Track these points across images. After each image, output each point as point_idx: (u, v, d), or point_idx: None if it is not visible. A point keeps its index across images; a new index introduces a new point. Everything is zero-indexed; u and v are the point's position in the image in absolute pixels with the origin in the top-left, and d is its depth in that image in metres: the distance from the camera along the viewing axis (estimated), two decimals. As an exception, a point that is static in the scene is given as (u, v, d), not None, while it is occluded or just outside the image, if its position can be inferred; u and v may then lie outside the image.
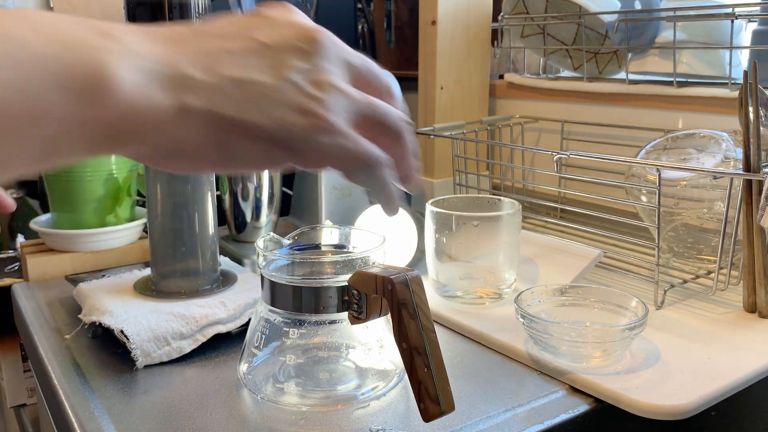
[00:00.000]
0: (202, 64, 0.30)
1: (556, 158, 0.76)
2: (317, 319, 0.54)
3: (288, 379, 0.55)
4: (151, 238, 0.68)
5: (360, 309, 0.50)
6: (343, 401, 0.53)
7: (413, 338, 0.45)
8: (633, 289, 0.73)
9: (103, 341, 0.65)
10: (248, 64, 0.31)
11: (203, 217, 0.67)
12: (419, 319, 0.45)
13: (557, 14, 1.00)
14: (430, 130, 0.99)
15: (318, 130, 0.32)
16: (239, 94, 0.31)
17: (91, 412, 0.52)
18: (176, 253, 0.67)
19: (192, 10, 0.64)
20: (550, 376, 0.58)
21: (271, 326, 0.55)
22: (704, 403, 0.52)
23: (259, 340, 0.55)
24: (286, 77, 0.32)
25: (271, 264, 0.55)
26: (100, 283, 0.71)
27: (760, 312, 0.68)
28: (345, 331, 0.55)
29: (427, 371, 0.45)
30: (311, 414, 0.52)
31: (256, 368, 0.56)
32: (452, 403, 0.45)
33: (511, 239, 0.71)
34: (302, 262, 0.55)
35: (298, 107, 0.32)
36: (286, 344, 0.56)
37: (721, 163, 0.74)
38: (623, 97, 0.96)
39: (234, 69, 0.31)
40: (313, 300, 0.52)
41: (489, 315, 0.68)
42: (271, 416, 0.52)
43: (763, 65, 0.73)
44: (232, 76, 0.31)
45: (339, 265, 0.53)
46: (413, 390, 0.45)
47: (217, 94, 0.30)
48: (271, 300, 0.54)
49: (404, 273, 0.46)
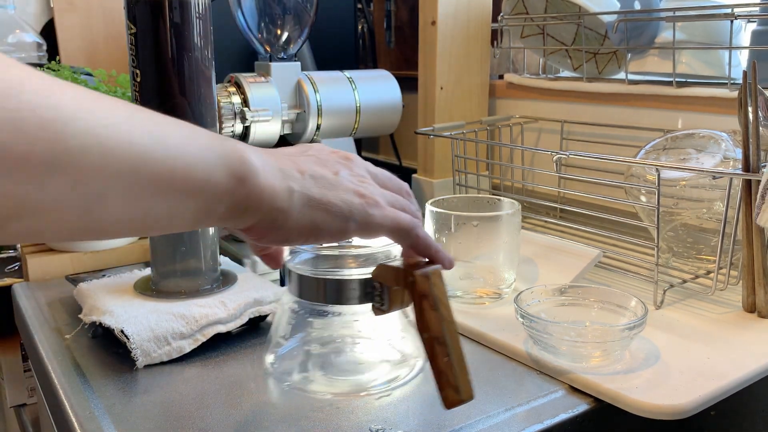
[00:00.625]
0: (293, 165, 0.44)
1: (555, 158, 0.77)
2: (341, 310, 0.56)
3: (313, 368, 0.57)
4: (152, 239, 0.68)
5: (382, 301, 0.51)
6: (366, 390, 0.55)
7: (434, 329, 0.46)
8: (632, 289, 0.73)
9: (104, 341, 0.65)
10: (317, 167, 0.45)
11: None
12: (440, 310, 0.47)
13: (557, 14, 1.00)
14: (430, 130, 0.99)
15: (370, 205, 0.45)
16: (317, 183, 0.44)
17: (91, 412, 0.53)
18: (176, 253, 0.67)
19: (192, 10, 0.64)
20: (550, 375, 0.58)
21: (297, 317, 0.57)
22: (704, 403, 0.53)
23: (285, 330, 0.58)
24: (339, 174, 0.46)
25: (297, 257, 0.57)
26: (100, 283, 0.71)
27: (759, 312, 0.68)
28: (368, 322, 0.57)
29: (447, 360, 0.46)
30: (336, 401, 0.54)
31: (282, 357, 0.58)
32: (471, 391, 0.47)
33: (510, 239, 0.71)
34: (327, 256, 0.56)
35: (354, 191, 0.45)
36: (311, 334, 0.58)
37: (721, 163, 0.74)
38: (623, 97, 0.96)
39: (311, 169, 0.44)
40: (337, 292, 0.53)
41: (489, 315, 0.68)
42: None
43: (762, 65, 0.73)
44: (311, 172, 0.44)
45: (362, 258, 0.55)
46: (435, 378, 0.47)
47: (306, 182, 0.43)
48: (296, 291, 0.56)
49: (425, 266, 0.48)
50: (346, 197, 0.45)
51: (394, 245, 0.55)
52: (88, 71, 0.98)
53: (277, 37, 0.88)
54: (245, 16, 0.87)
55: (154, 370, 0.59)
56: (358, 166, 0.48)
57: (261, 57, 0.89)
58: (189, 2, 0.63)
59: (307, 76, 0.88)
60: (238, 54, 1.02)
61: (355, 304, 0.54)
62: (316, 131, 0.89)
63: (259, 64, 0.88)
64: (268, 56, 0.88)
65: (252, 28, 0.87)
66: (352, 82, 0.92)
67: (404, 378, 0.56)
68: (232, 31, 0.88)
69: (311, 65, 1.13)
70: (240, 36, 0.89)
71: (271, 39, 0.88)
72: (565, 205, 0.89)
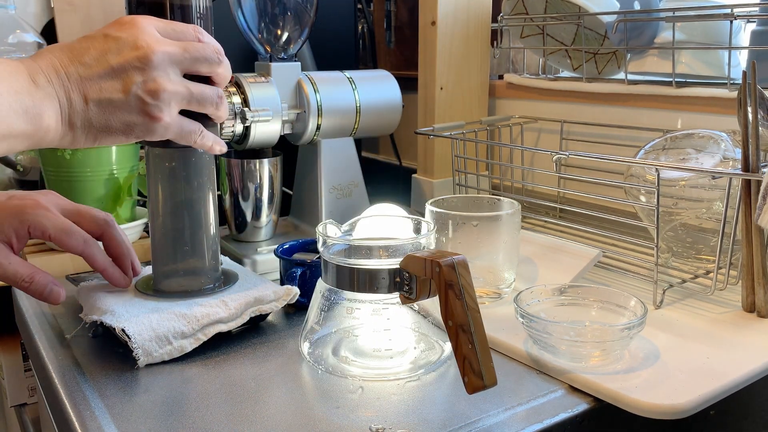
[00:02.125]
0: (81, 93, 0.51)
1: (555, 158, 0.77)
2: (372, 298, 0.59)
3: (346, 353, 0.61)
4: (153, 238, 0.69)
5: (410, 290, 0.55)
6: (395, 374, 0.58)
7: (458, 317, 0.49)
8: (632, 289, 0.73)
9: (104, 340, 0.65)
10: (105, 86, 0.52)
11: (205, 216, 0.67)
12: (464, 299, 0.49)
13: (557, 15, 1.00)
14: (430, 130, 0.99)
15: (154, 120, 0.54)
16: (100, 110, 0.52)
17: (91, 412, 0.53)
18: (178, 253, 0.68)
19: (193, 11, 0.64)
20: (550, 375, 0.58)
21: (331, 305, 0.61)
22: (703, 403, 0.53)
23: (318, 317, 0.61)
24: (130, 91, 0.52)
25: (332, 248, 0.60)
26: (101, 282, 0.71)
27: (758, 312, 0.68)
28: (397, 310, 0.60)
29: (471, 347, 0.48)
30: (367, 385, 0.57)
31: (316, 343, 0.62)
32: (494, 378, 0.49)
33: (510, 239, 0.71)
34: (358, 247, 0.59)
35: (139, 110, 0.53)
36: (344, 322, 0.61)
37: (720, 163, 0.74)
38: (622, 97, 0.96)
39: (98, 93, 0.52)
40: (368, 281, 0.57)
41: (488, 314, 0.68)
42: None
43: (762, 65, 0.74)
44: (97, 98, 0.52)
45: (392, 249, 0.58)
46: (458, 365, 0.49)
47: (89, 113, 0.52)
48: (330, 280, 0.60)
49: (451, 257, 0.51)
50: (129, 119, 0.53)
51: (423, 237, 0.60)
52: (88, 71, 0.98)
53: (277, 38, 0.88)
54: (245, 17, 0.87)
55: (155, 369, 0.60)
56: (154, 68, 0.53)
57: (261, 57, 0.89)
58: (190, 4, 0.63)
59: (307, 76, 0.88)
60: (238, 54, 1.02)
61: (385, 293, 0.57)
62: (316, 131, 0.89)
63: (259, 64, 0.88)
64: (268, 56, 0.88)
65: (252, 29, 0.87)
66: (352, 82, 0.92)
67: (432, 365, 0.59)
68: (232, 31, 0.88)
69: (311, 65, 1.13)
70: (240, 36, 0.89)
71: (271, 39, 0.88)
72: (565, 205, 0.90)
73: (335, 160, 0.92)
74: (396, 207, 0.76)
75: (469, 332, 0.49)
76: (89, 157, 0.83)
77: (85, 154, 0.83)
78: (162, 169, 0.66)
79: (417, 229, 0.64)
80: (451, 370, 0.59)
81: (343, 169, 0.93)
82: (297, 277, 0.71)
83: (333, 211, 0.93)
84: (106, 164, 0.84)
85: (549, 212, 1.02)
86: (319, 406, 0.54)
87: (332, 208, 0.93)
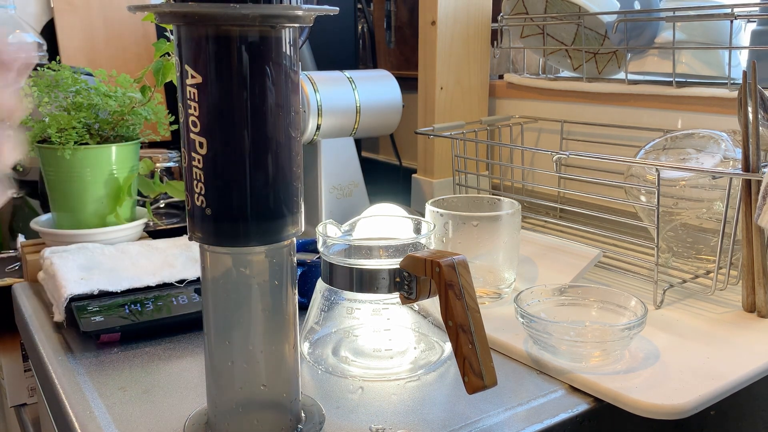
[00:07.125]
0: None
1: (555, 158, 0.77)
2: (372, 298, 0.59)
3: (346, 353, 0.60)
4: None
5: (410, 290, 0.54)
6: (395, 374, 0.58)
7: (459, 317, 0.49)
8: (632, 289, 0.73)
9: (104, 341, 0.65)
10: None
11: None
12: (465, 300, 0.49)
13: (557, 14, 1.00)
14: (430, 130, 0.99)
15: None
16: None
17: (91, 412, 0.53)
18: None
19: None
20: (550, 375, 0.58)
21: (331, 305, 0.61)
22: (703, 403, 0.53)
23: (318, 317, 0.61)
24: None
25: (332, 248, 0.60)
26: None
27: (759, 312, 0.68)
28: (397, 310, 0.59)
29: (471, 348, 0.48)
30: (367, 385, 0.56)
31: (316, 343, 0.62)
32: (494, 378, 0.49)
33: (510, 239, 0.71)
34: (359, 247, 0.59)
35: None
36: (344, 322, 0.61)
37: (721, 163, 0.74)
38: (622, 97, 0.96)
39: None
40: (368, 281, 0.57)
41: (488, 314, 0.68)
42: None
43: (762, 65, 0.73)
44: None
45: (392, 249, 0.58)
46: (458, 365, 0.48)
47: None
48: (330, 280, 0.59)
49: (451, 257, 0.51)
50: None
51: (423, 237, 0.60)
52: (88, 71, 0.98)
53: (277, 37, 0.88)
54: (245, 16, 0.87)
55: (156, 369, 0.60)
56: None
57: (261, 57, 0.89)
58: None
59: (307, 76, 0.88)
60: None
61: (385, 293, 0.57)
62: (316, 131, 0.89)
63: (259, 64, 0.88)
64: (268, 56, 0.88)
65: (252, 28, 0.87)
66: (352, 82, 0.92)
67: (432, 365, 0.59)
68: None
69: (311, 65, 1.13)
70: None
71: (271, 39, 0.88)
72: (565, 205, 0.90)
73: (335, 160, 0.92)
74: (396, 207, 0.76)
75: (469, 332, 0.49)
76: (89, 157, 0.83)
77: (85, 154, 0.83)
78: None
79: (417, 229, 0.64)
80: (451, 371, 0.59)
81: (343, 169, 0.93)
82: (297, 277, 0.71)
83: (333, 211, 0.93)
84: (106, 164, 0.84)
85: (549, 212, 1.02)
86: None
87: (332, 208, 0.93)
